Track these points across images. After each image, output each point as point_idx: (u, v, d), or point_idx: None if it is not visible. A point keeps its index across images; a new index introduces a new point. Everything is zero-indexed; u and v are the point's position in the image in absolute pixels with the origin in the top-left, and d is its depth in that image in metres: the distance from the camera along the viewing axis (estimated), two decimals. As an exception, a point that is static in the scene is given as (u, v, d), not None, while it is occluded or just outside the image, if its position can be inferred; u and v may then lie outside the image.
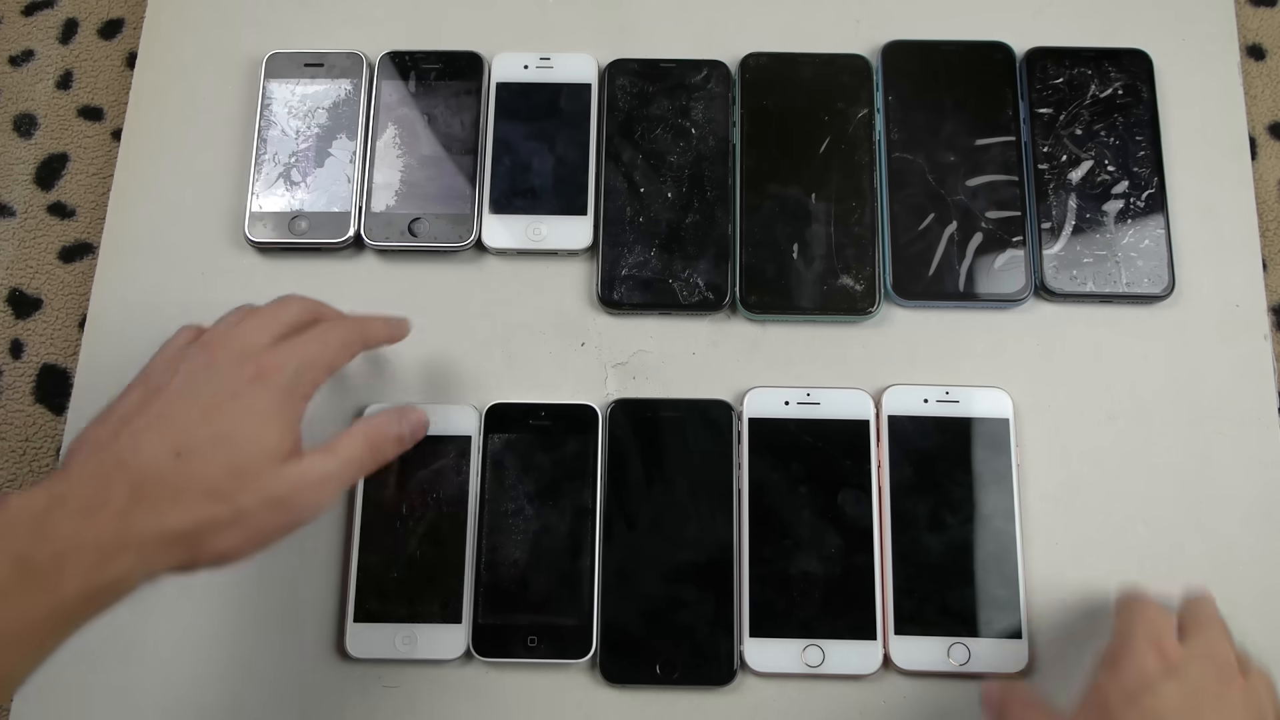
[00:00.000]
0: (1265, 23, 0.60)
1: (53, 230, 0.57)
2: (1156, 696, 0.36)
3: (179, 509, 0.35)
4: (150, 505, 0.35)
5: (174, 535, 0.35)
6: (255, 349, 0.40)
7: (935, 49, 0.55)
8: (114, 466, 0.35)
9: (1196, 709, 0.36)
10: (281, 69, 0.56)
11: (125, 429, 0.37)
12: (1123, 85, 0.54)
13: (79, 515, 0.34)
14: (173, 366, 0.39)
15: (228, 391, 0.38)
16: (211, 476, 0.36)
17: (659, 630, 0.47)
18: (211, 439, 0.37)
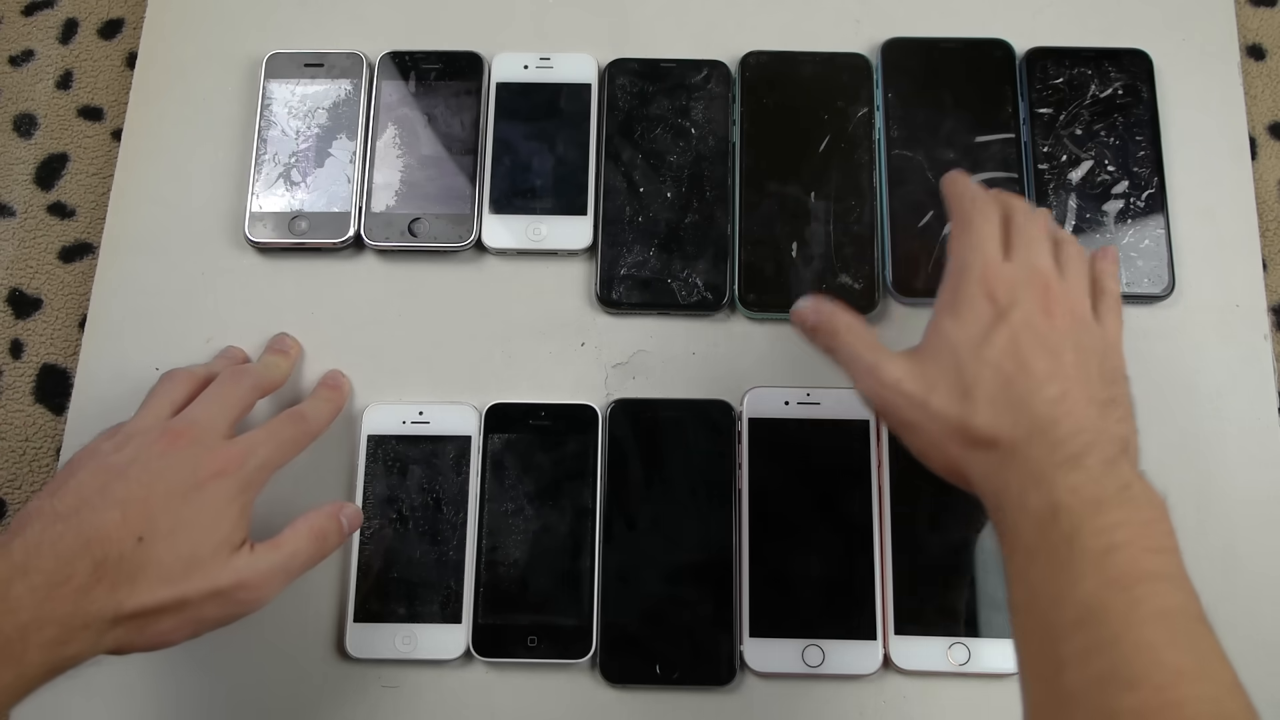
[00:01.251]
0: (1265, 23, 0.60)
1: (53, 230, 0.57)
2: (992, 346, 0.37)
3: (135, 592, 0.37)
4: (110, 585, 0.36)
5: (125, 616, 0.36)
6: (214, 441, 0.42)
7: (935, 46, 0.55)
8: (76, 543, 0.36)
9: (1022, 357, 0.37)
10: (281, 69, 0.56)
11: (85, 506, 0.38)
12: (1123, 85, 0.54)
13: (43, 589, 0.35)
14: (129, 446, 0.41)
15: (190, 482, 0.40)
16: (168, 564, 0.38)
17: (659, 630, 0.47)
18: (172, 527, 0.38)
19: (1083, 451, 0.35)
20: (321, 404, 0.48)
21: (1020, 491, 0.35)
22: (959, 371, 0.38)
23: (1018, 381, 0.37)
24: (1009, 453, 0.36)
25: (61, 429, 0.53)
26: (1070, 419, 0.36)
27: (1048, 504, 0.34)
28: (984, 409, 0.37)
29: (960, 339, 0.38)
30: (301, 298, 0.53)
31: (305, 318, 0.53)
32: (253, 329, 0.53)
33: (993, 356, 0.37)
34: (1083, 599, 0.32)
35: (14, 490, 0.53)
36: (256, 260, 0.54)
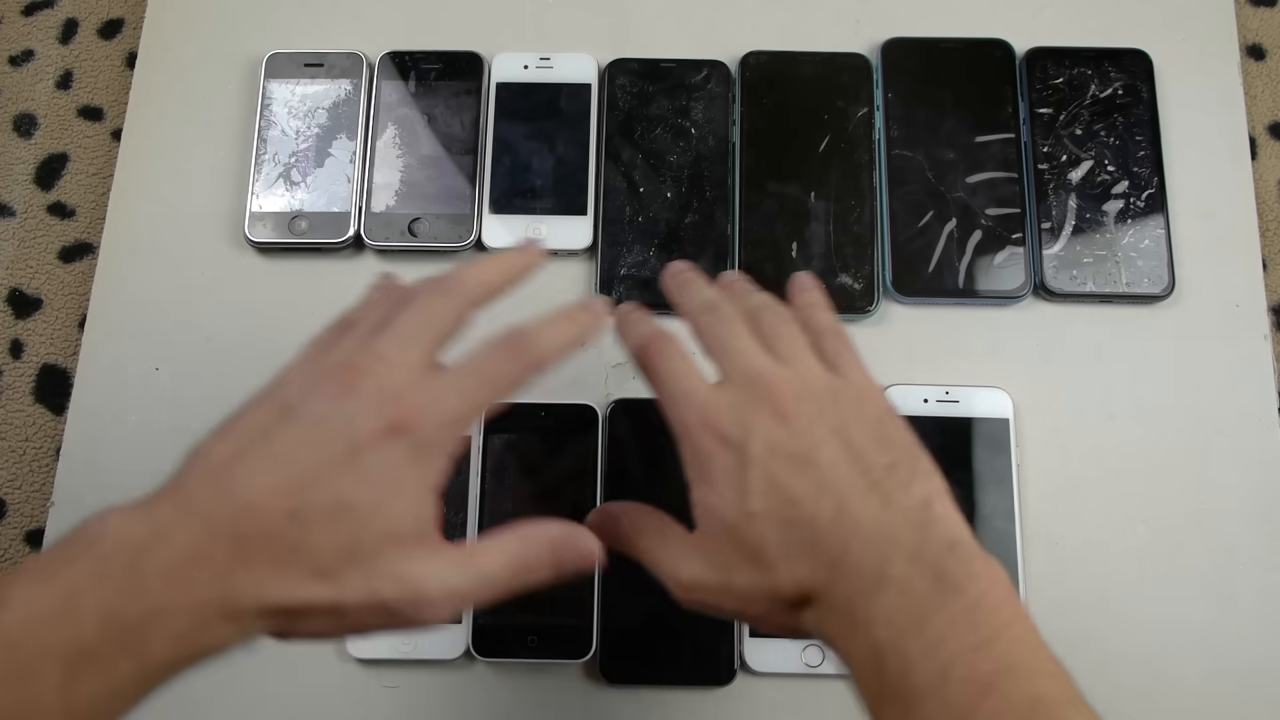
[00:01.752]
0: (1265, 23, 0.60)
1: (53, 230, 0.57)
2: (752, 497, 0.32)
3: (280, 583, 0.30)
4: (253, 569, 0.29)
5: (271, 609, 0.30)
6: (400, 383, 0.32)
7: (935, 46, 0.55)
8: (221, 507, 0.30)
9: (780, 486, 0.32)
10: (281, 69, 0.56)
11: (243, 460, 0.30)
12: (1123, 85, 0.54)
13: (177, 570, 0.28)
14: (309, 380, 0.32)
15: (359, 441, 0.31)
16: (322, 552, 0.30)
17: (659, 630, 0.47)
18: (329, 505, 0.30)
19: (883, 562, 0.30)
20: (563, 323, 0.35)
21: (844, 643, 0.31)
22: (739, 542, 0.32)
23: (793, 521, 0.31)
24: (823, 601, 0.31)
25: (61, 429, 0.53)
26: (857, 532, 0.31)
27: (869, 650, 0.30)
28: (780, 568, 0.32)
29: (722, 507, 0.32)
30: (301, 298, 0.53)
31: (305, 318, 0.53)
32: (253, 329, 0.53)
33: (758, 508, 0.32)
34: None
35: (14, 490, 0.53)
36: (256, 260, 0.54)
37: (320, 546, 0.30)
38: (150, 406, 0.52)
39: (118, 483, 0.47)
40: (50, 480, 0.52)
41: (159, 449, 0.51)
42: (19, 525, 0.53)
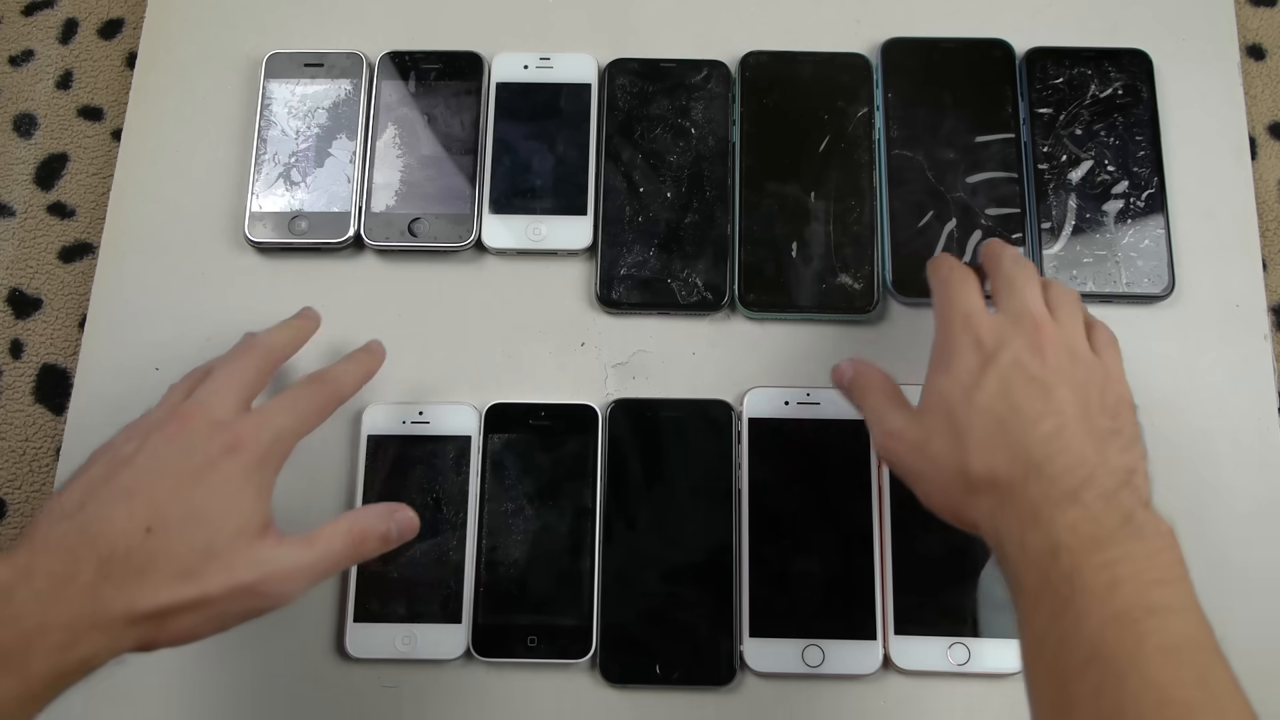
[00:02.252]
0: (1265, 23, 0.60)
1: (53, 230, 0.57)
2: (982, 389, 0.37)
3: (147, 589, 0.34)
4: (119, 583, 0.34)
5: (141, 615, 0.34)
6: (225, 416, 0.38)
7: (935, 46, 0.55)
8: (80, 539, 0.34)
9: (1011, 398, 0.37)
10: (281, 69, 0.56)
11: (92, 499, 0.35)
12: (1123, 85, 0.54)
13: (46, 592, 0.32)
14: (139, 436, 0.38)
15: (200, 463, 0.37)
16: (181, 556, 0.35)
17: (659, 630, 0.47)
18: (183, 515, 0.35)
19: (1080, 486, 0.34)
20: (351, 365, 0.44)
21: (1020, 532, 0.35)
22: (952, 419, 0.38)
23: (1010, 422, 0.36)
24: (1006, 494, 0.36)
25: (61, 429, 0.53)
26: (1065, 454, 0.35)
27: (1047, 544, 0.34)
28: (978, 452, 0.36)
29: (951, 388, 0.38)
30: (301, 298, 0.53)
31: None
32: (253, 329, 0.53)
33: (983, 400, 0.37)
34: (1088, 638, 0.32)
35: (14, 490, 0.53)
36: (256, 260, 0.54)
37: (179, 551, 0.35)
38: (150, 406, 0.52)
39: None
40: (50, 480, 0.52)
41: (159, 449, 0.51)
42: (19, 525, 0.53)
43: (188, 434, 0.38)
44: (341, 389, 0.43)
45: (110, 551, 0.34)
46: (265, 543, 0.37)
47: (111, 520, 0.35)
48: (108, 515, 0.35)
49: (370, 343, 0.47)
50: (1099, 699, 0.31)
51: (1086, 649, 0.32)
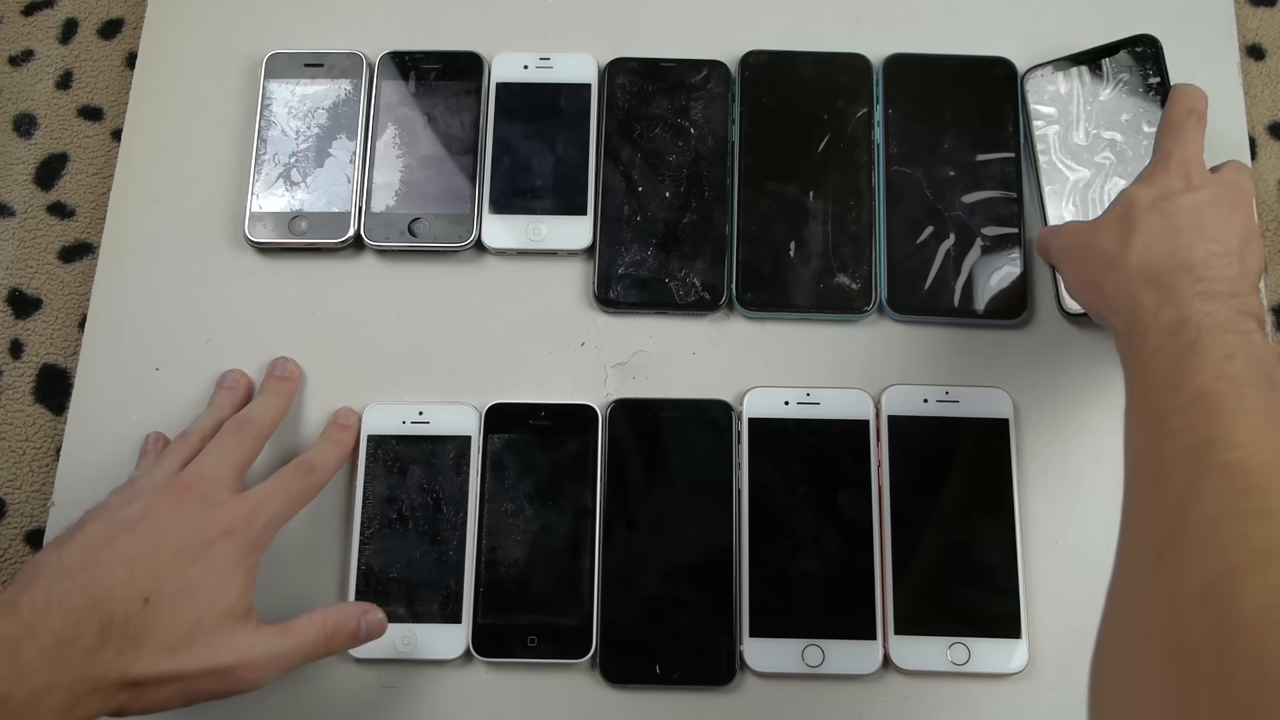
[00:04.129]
0: (1265, 23, 0.60)
1: (53, 230, 0.57)
2: (1172, 203, 0.41)
3: (141, 657, 0.36)
4: (117, 649, 0.35)
5: (130, 682, 0.35)
6: (222, 496, 0.41)
7: (936, 63, 0.55)
8: (82, 601, 0.35)
9: (1200, 218, 0.40)
10: (281, 69, 0.56)
11: (92, 563, 0.37)
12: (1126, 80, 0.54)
13: (52, 651, 0.34)
14: (139, 500, 0.40)
15: (198, 541, 0.39)
16: (173, 630, 0.37)
17: (659, 630, 0.47)
18: (179, 590, 0.37)
19: (1222, 293, 0.37)
20: (330, 448, 0.48)
21: (1155, 304, 0.38)
22: (1128, 217, 0.41)
23: (1184, 232, 0.40)
24: (1150, 278, 0.39)
25: (61, 429, 0.53)
26: (1220, 269, 0.38)
27: (1178, 317, 0.37)
28: (1139, 242, 0.40)
29: (1143, 194, 0.42)
30: (301, 298, 0.53)
31: (305, 318, 0.53)
32: (253, 329, 0.53)
33: (1169, 209, 0.40)
34: (1196, 389, 0.34)
35: (14, 490, 0.53)
36: (256, 260, 0.54)
37: (170, 625, 0.36)
38: (150, 406, 0.52)
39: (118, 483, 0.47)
40: (50, 480, 0.52)
41: (159, 449, 0.51)
42: (19, 525, 0.53)
43: (187, 508, 0.40)
44: (324, 475, 0.46)
45: (110, 617, 0.35)
46: (247, 628, 0.39)
47: (112, 586, 0.36)
48: (108, 580, 0.36)
49: (339, 413, 0.50)
50: (1195, 430, 0.33)
51: (1192, 396, 0.34)
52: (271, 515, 0.42)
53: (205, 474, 0.42)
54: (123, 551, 0.37)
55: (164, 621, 0.36)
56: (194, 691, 0.38)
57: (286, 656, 0.40)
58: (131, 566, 0.37)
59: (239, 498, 0.42)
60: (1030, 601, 0.48)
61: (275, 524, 0.42)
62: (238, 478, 0.44)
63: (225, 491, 0.42)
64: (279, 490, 0.43)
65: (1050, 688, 0.47)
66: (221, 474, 0.43)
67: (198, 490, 0.41)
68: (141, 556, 0.38)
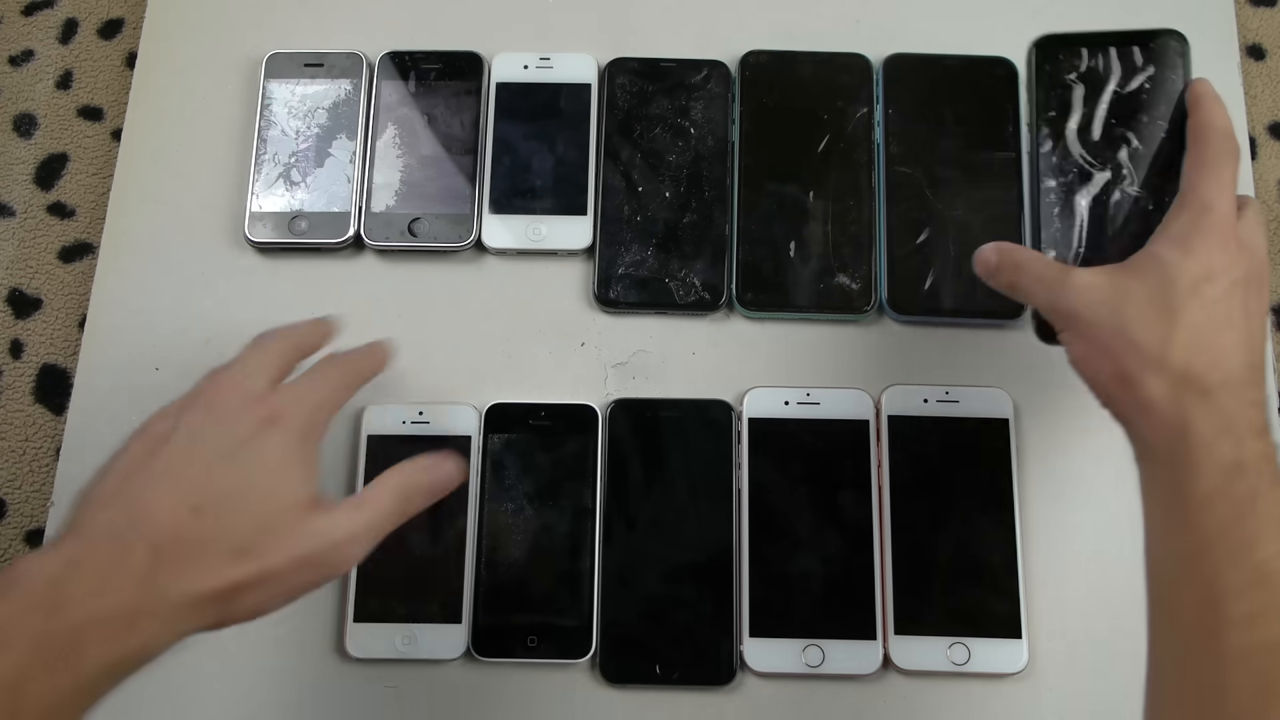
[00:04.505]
0: (1265, 23, 0.60)
1: (53, 230, 0.57)
2: (1216, 287, 0.36)
3: (206, 570, 0.33)
4: (174, 567, 0.32)
5: (204, 597, 0.33)
6: (258, 392, 0.37)
7: (937, 63, 0.55)
8: (127, 525, 0.33)
9: (1244, 309, 0.36)
10: (281, 69, 0.56)
11: (131, 483, 0.34)
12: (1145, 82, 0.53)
13: (96, 582, 0.31)
14: (173, 415, 0.37)
15: (238, 438, 0.35)
16: (236, 533, 0.34)
17: (659, 630, 0.47)
18: (228, 493, 0.34)
19: (1264, 424, 0.34)
20: (370, 352, 0.42)
21: (1211, 434, 0.34)
22: (1167, 294, 0.36)
23: (1231, 331, 0.35)
24: (1201, 393, 0.34)
25: (61, 429, 0.53)
26: (1257, 387, 0.35)
27: (1235, 457, 0.33)
28: (1184, 338, 0.35)
29: (1182, 267, 0.36)
30: (301, 298, 0.53)
31: (305, 318, 0.53)
32: (253, 330, 0.53)
33: (1214, 295, 0.35)
34: (1260, 563, 0.31)
35: (14, 490, 0.53)
36: (256, 260, 0.54)
37: (232, 530, 0.33)
38: (150, 406, 0.51)
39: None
40: (50, 480, 0.52)
41: (159, 449, 0.51)
42: (19, 525, 0.53)
43: (223, 408, 0.36)
44: (361, 367, 0.41)
45: (158, 536, 0.33)
46: (316, 513, 0.35)
47: (153, 504, 0.33)
48: (149, 498, 0.34)
49: (378, 344, 0.44)
50: (1261, 624, 0.31)
51: (1255, 573, 0.31)
52: (318, 400, 0.38)
53: (237, 371, 0.38)
54: (160, 466, 0.34)
55: (222, 528, 0.33)
56: (287, 588, 0.34)
57: (367, 531, 0.36)
58: (171, 480, 0.34)
59: (276, 390, 0.38)
60: (1030, 602, 0.48)
61: (322, 410, 0.37)
62: (273, 381, 0.38)
63: (262, 386, 0.37)
64: (319, 377, 0.39)
65: (1050, 688, 0.47)
66: (255, 373, 0.38)
67: (231, 387, 0.37)
68: (180, 467, 0.34)
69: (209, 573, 0.33)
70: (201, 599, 0.32)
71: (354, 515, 0.36)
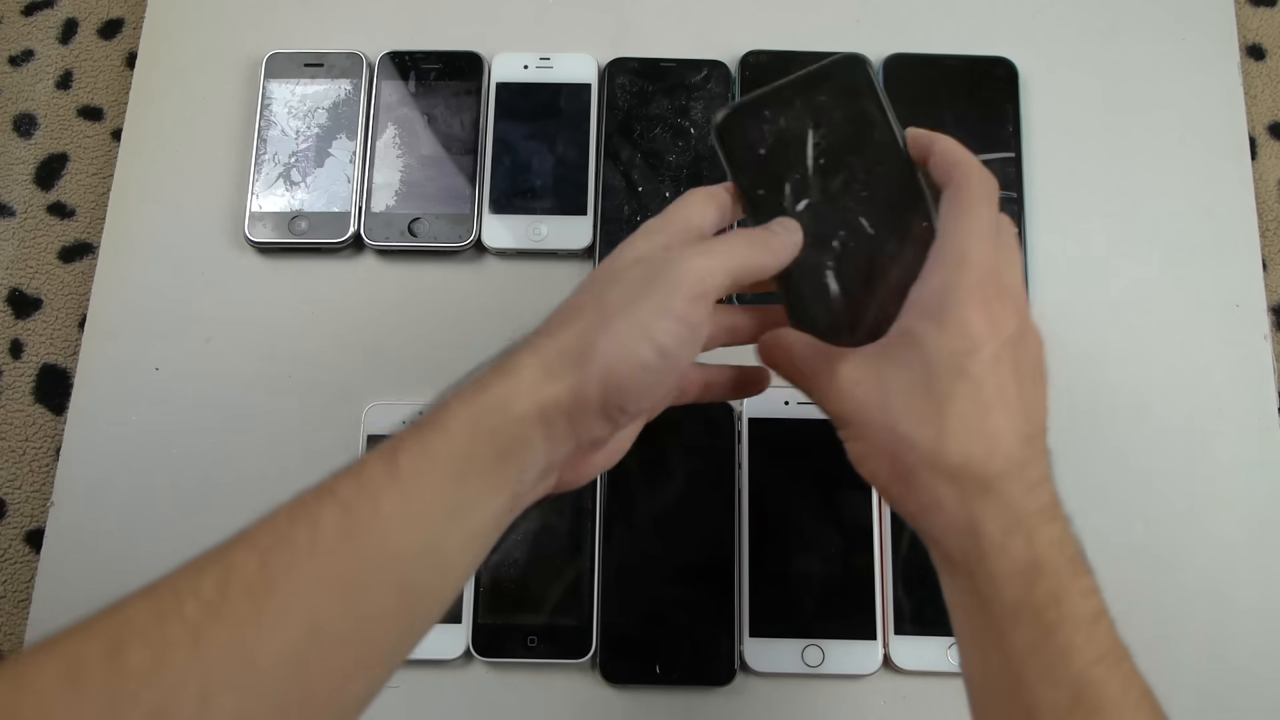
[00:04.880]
0: (1265, 23, 0.60)
1: (53, 230, 0.57)
2: (979, 363, 0.32)
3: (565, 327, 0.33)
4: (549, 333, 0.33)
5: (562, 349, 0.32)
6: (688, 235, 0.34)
7: (936, 63, 0.55)
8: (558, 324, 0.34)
9: (1005, 381, 0.32)
10: (281, 69, 0.56)
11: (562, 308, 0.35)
12: None
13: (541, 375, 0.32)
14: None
15: (647, 249, 0.33)
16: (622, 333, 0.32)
17: (659, 630, 0.47)
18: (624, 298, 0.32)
19: (1052, 502, 0.32)
20: (777, 233, 0.35)
21: (1002, 535, 0.31)
22: (930, 380, 0.32)
23: (999, 408, 0.32)
24: (983, 489, 0.31)
25: (61, 429, 0.53)
26: (1039, 462, 0.32)
27: (1029, 557, 0.30)
28: (956, 428, 0.31)
29: (940, 346, 0.32)
30: (301, 298, 0.53)
31: (305, 318, 0.53)
32: (253, 329, 0.53)
33: (980, 371, 0.31)
34: (1076, 676, 0.29)
35: (14, 490, 0.53)
36: (256, 260, 0.54)
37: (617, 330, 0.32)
38: (150, 406, 0.52)
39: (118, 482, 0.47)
40: (50, 480, 0.52)
41: (159, 449, 0.51)
42: (19, 525, 0.53)
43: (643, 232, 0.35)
44: (775, 258, 0.34)
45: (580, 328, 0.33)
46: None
47: (570, 308, 0.34)
48: (568, 306, 0.35)
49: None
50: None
51: (1073, 691, 0.29)
52: (722, 260, 0.32)
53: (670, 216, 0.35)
54: (584, 286, 0.34)
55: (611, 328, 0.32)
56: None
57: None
58: (585, 292, 0.34)
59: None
60: (1030, 601, 0.48)
61: (723, 272, 0.32)
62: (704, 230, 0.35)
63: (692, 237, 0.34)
64: (728, 244, 0.33)
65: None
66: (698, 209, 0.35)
67: (661, 222, 0.34)
68: (594, 280, 0.34)
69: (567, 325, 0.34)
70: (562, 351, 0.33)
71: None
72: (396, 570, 0.27)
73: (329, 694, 0.26)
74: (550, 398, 0.31)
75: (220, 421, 0.52)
